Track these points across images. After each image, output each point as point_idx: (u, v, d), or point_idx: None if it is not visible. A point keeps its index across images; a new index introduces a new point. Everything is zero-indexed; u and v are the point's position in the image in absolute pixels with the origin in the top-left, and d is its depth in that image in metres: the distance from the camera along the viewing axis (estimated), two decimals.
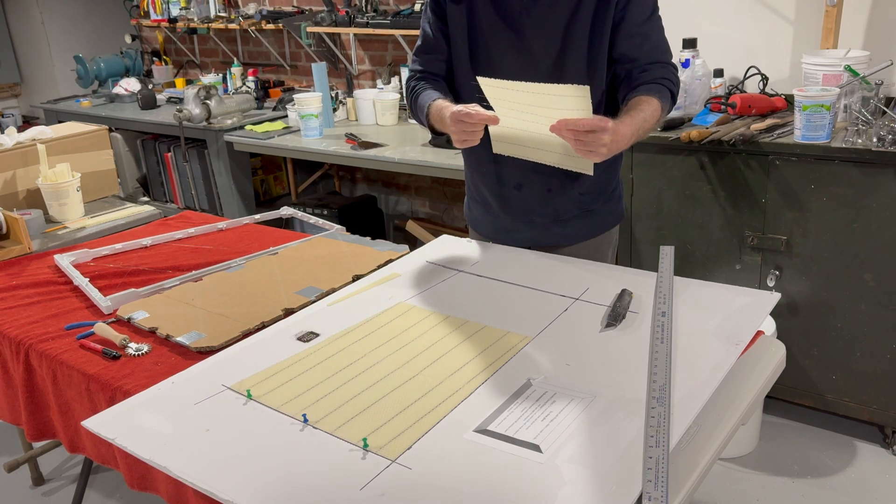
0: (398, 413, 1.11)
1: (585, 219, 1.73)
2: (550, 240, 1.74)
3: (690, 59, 2.55)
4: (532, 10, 1.55)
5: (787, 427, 2.52)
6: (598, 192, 1.71)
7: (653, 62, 1.53)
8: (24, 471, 2.49)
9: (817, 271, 2.28)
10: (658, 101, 1.48)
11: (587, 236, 1.74)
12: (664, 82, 1.52)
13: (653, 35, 1.56)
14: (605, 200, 1.74)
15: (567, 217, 1.72)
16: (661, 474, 0.93)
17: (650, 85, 1.50)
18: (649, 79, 1.51)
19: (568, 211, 1.71)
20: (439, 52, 1.67)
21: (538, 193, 1.69)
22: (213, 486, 0.99)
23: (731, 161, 2.33)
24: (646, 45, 1.54)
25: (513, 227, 1.76)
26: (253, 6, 4.10)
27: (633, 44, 1.53)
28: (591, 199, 1.71)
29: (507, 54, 1.59)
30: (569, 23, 1.54)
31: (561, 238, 1.74)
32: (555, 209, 1.71)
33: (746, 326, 1.28)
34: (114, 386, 1.29)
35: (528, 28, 1.56)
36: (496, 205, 1.75)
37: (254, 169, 3.89)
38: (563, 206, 1.71)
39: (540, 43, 1.56)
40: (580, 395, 1.13)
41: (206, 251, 1.92)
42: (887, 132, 2.07)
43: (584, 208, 1.71)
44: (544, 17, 1.54)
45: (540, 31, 1.55)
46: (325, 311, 1.48)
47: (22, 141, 2.39)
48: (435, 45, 1.67)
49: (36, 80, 5.84)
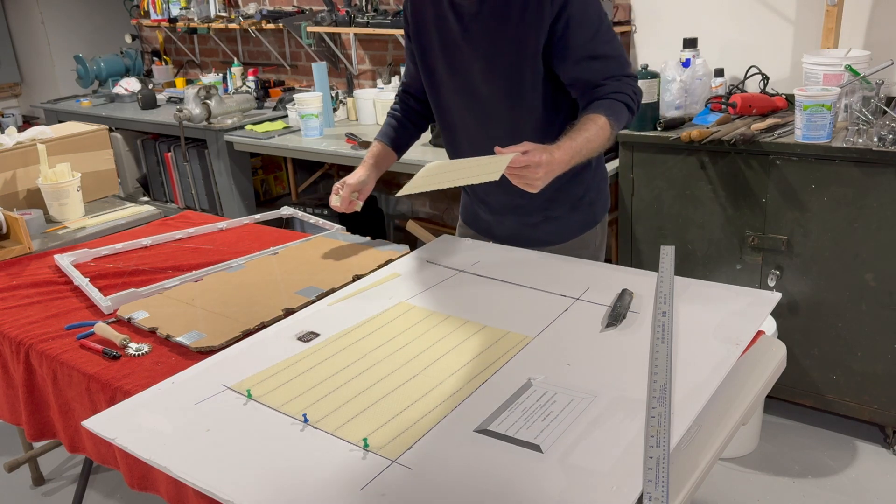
0: (398, 413, 1.11)
1: (551, 224, 1.78)
2: (522, 241, 1.78)
3: (691, 58, 2.54)
4: (470, 34, 1.59)
5: (787, 427, 2.52)
6: (561, 200, 1.75)
7: (606, 78, 1.54)
8: (24, 471, 2.49)
9: (818, 271, 2.28)
10: (606, 117, 1.49)
11: (556, 241, 1.78)
12: (616, 97, 1.52)
13: (601, 52, 1.54)
14: (570, 208, 1.77)
15: (533, 222, 1.79)
16: (661, 474, 0.93)
17: (601, 101, 1.52)
18: (601, 95, 1.52)
19: (531, 218, 1.79)
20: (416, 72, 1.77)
21: (502, 202, 1.79)
22: (213, 486, 0.99)
23: (731, 161, 2.33)
24: (595, 65, 1.54)
25: (492, 224, 1.86)
26: (253, 6, 4.10)
27: (582, 68, 1.54)
28: (554, 207, 1.76)
29: (453, 84, 1.66)
30: (501, 45, 1.56)
31: (532, 241, 1.77)
32: (519, 216, 1.80)
33: (747, 326, 1.28)
34: (114, 386, 1.29)
35: (465, 53, 1.61)
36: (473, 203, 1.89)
37: (254, 169, 3.89)
38: (526, 214, 1.79)
39: (479, 66, 1.60)
40: (580, 395, 1.13)
41: (207, 251, 1.92)
42: (888, 132, 2.07)
43: (547, 216, 1.77)
44: (481, 41, 1.58)
45: (477, 54, 1.59)
46: (326, 311, 1.48)
47: (22, 141, 2.39)
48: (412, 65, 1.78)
49: (36, 80, 5.84)
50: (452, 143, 1.79)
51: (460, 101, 1.68)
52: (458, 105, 1.69)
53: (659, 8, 2.91)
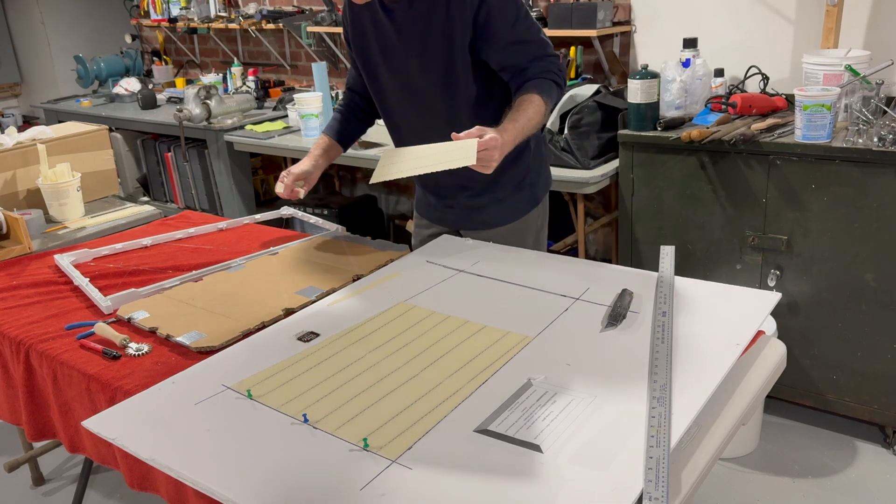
0: (398, 413, 1.11)
1: (498, 206, 1.87)
2: (470, 225, 1.91)
3: (691, 58, 2.54)
4: (403, 35, 1.70)
5: (787, 427, 2.52)
6: (504, 182, 1.84)
7: (532, 60, 1.65)
8: (24, 471, 2.49)
9: (818, 271, 2.28)
10: (539, 95, 1.61)
11: (503, 222, 1.88)
12: (545, 76, 1.65)
13: (523, 37, 1.65)
14: (513, 189, 1.86)
15: (480, 205, 1.88)
16: (661, 474, 0.93)
17: (532, 82, 1.63)
18: (531, 76, 1.64)
19: (479, 200, 1.87)
20: (358, 74, 1.89)
21: (451, 186, 1.89)
22: (213, 486, 0.99)
23: (731, 161, 2.33)
24: (519, 50, 1.65)
25: (439, 210, 1.96)
26: (253, 6, 4.10)
27: (507, 53, 1.66)
28: (498, 189, 1.85)
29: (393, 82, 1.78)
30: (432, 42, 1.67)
31: (480, 224, 1.89)
32: (468, 199, 1.89)
33: (747, 326, 1.28)
34: (114, 386, 1.29)
35: (401, 52, 1.72)
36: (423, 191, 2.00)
37: (254, 169, 3.89)
38: (474, 196, 1.87)
39: (414, 63, 1.72)
40: (580, 395, 1.13)
41: (207, 251, 1.92)
42: (888, 132, 2.07)
43: (493, 198, 1.86)
44: (414, 40, 1.69)
45: (411, 53, 1.71)
46: (326, 311, 1.48)
47: (22, 141, 2.39)
48: (353, 68, 1.92)
49: (36, 80, 5.84)
50: (399, 138, 1.90)
51: (401, 97, 1.79)
52: (399, 101, 1.81)
53: (659, 8, 2.91)
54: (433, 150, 1.56)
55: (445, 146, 1.52)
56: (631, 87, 2.48)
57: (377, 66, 1.78)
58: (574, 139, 2.58)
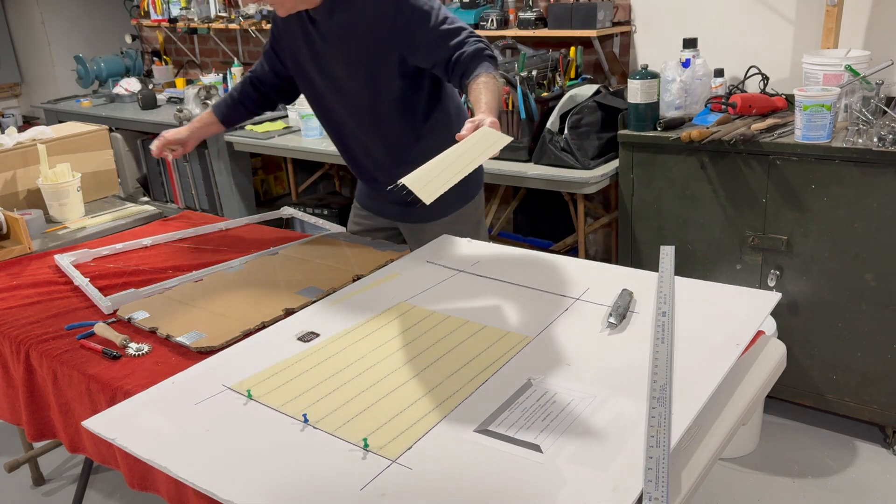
0: (399, 413, 1.11)
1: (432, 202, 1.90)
2: (409, 218, 2.01)
3: (691, 58, 2.54)
4: (329, 44, 1.80)
5: (787, 427, 2.52)
6: None
7: (457, 49, 1.71)
8: (24, 471, 2.49)
9: (818, 271, 2.28)
10: (488, 73, 1.67)
11: (438, 216, 1.97)
12: (480, 55, 1.70)
13: (444, 30, 1.72)
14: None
15: (415, 200, 1.90)
16: (661, 474, 0.93)
17: (473, 64, 1.69)
18: (468, 60, 1.69)
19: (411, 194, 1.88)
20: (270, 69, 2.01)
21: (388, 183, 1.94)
22: (213, 486, 0.99)
23: (731, 161, 2.33)
24: (443, 44, 1.71)
25: (379, 203, 2.06)
26: (253, 6, 4.09)
27: (435, 52, 1.72)
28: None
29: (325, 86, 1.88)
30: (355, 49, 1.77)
31: (416, 217, 1.98)
32: (402, 194, 1.91)
33: (747, 326, 1.28)
34: (114, 386, 1.29)
35: (329, 60, 1.83)
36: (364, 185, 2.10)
37: (254, 169, 3.89)
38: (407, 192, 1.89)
39: (341, 69, 1.82)
40: (580, 395, 1.13)
41: (207, 251, 1.92)
42: (888, 132, 2.07)
43: None
44: (339, 48, 1.79)
45: (338, 59, 1.81)
46: (326, 311, 1.48)
47: (22, 141, 2.39)
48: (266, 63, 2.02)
49: (36, 80, 5.84)
50: (333, 132, 2.00)
51: (334, 99, 1.90)
52: (332, 103, 1.92)
53: (659, 8, 2.91)
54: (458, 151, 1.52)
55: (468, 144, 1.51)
56: (631, 87, 2.48)
57: (308, 69, 1.89)
58: (574, 139, 2.58)
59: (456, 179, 1.50)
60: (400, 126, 1.87)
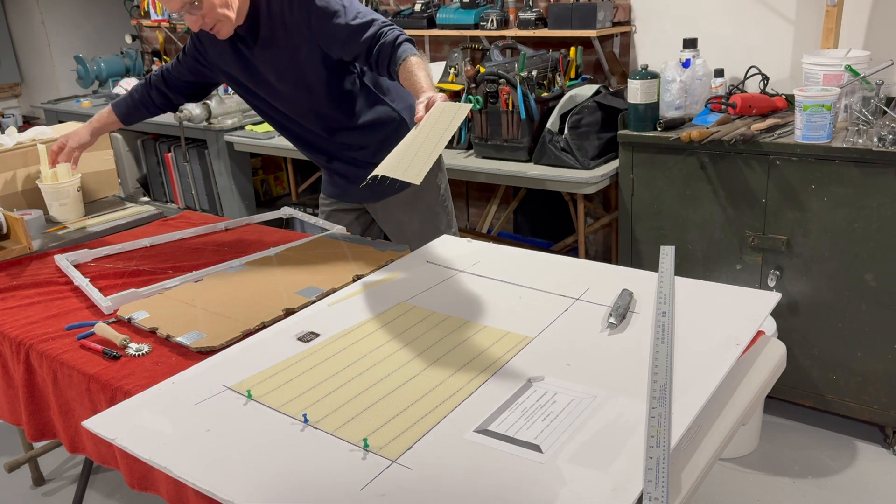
0: (399, 413, 1.11)
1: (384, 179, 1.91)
2: (372, 197, 2.10)
3: (691, 58, 2.54)
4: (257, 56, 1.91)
5: (787, 427, 2.52)
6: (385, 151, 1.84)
7: (374, 38, 1.78)
8: (24, 471, 2.49)
9: (818, 271, 2.28)
10: (412, 55, 1.74)
11: (394, 192, 2.08)
12: (398, 42, 1.76)
13: (358, 25, 1.79)
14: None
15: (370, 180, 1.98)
16: (661, 474, 0.93)
17: (396, 50, 1.76)
18: (389, 48, 1.76)
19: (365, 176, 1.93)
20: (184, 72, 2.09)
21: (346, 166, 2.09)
22: (213, 486, 0.99)
23: (731, 161, 2.33)
24: (361, 37, 1.79)
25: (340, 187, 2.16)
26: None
27: (353, 46, 1.81)
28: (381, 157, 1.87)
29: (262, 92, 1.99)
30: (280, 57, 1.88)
31: (380, 194, 2.07)
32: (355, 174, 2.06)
33: (747, 326, 1.28)
34: (114, 386, 1.29)
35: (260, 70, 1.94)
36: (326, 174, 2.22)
37: (254, 169, 3.89)
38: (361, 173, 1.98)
39: (272, 76, 1.93)
40: (580, 395, 1.13)
41: (207, 251, 1.92)
42: (888, 132, 2.07)
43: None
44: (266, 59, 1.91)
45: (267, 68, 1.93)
46: (326, 311, 1.48)
47: (22, 141, 2.39)
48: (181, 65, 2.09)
49: (36, 80, 5.84)
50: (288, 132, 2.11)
51: (273, 102, 2.01)
52: (272, 106, 2.03)
53: (659, 8, 2.91)
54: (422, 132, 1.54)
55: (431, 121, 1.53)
56: (631, 87, 2.48)
57: (242, 80, 2.00)
58: (574, 139, 2.58)
59: (435, 155, 1.51)
60: (342, 115, 1.98)
